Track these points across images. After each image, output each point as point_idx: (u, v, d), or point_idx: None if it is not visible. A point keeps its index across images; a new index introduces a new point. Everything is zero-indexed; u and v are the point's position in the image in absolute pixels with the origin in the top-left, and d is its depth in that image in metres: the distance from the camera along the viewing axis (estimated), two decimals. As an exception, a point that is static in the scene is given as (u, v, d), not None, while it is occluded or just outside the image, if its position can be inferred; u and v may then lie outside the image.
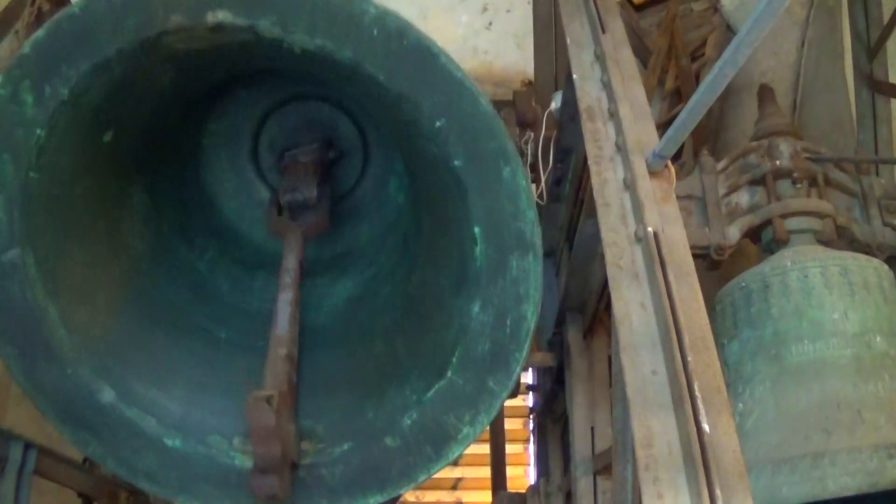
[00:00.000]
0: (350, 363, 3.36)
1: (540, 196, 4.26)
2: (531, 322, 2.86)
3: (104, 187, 3.13)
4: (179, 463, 3.17)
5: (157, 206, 3.39)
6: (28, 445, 4.20)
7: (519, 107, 4.29)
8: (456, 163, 2.75)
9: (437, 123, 2.71)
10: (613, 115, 2.93)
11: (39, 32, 2.66)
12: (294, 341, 2.99)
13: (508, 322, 2.87)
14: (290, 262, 3.16)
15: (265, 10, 2.66)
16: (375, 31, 2.64)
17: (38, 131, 2.74)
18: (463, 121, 2.69)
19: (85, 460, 4.89)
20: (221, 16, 2.65)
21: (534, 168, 4.32)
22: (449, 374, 2.99)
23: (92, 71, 2.71)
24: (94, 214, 3.13)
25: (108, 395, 3.13)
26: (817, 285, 3.93)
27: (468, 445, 3.06)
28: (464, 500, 13.19)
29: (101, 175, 3.08)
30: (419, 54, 2.66)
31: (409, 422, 3.06)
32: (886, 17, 5.35)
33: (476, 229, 2.81)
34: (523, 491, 4.75)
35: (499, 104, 4.34)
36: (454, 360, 2.98)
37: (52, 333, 3.01)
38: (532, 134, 4.14)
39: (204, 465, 3.13)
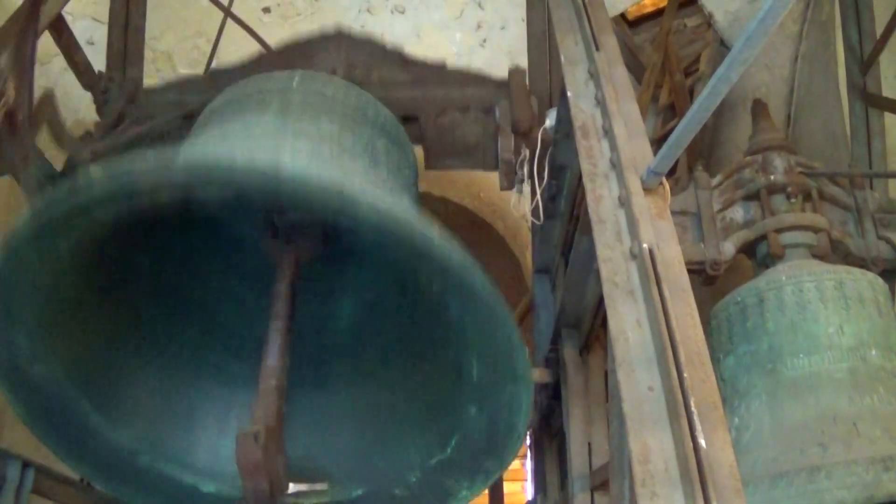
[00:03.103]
0: (356, 405, 3.46)
1: (535, 214, 4.27)
2: (522, 431, 2.99)
3: (110, 277, 3.15)
4: None
5: (161, 261, 3.39)
6: (26, 465, 4.20)
7: (515, 113, 4.32)
8: (454, 313, 2.93)
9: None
10: (608, 132, 2.94)
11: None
12: (284, 371, 2.94)
13: (501, 426, 3.01)
14: (283, 288, 3.08)
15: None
16: None
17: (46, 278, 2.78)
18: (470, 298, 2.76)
19: (82, 479, 4.88)
20: None
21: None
22: (448, 450, 3.17)
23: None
24: (106, 305, 3.17)
25: (144, 458, 3.25)
26: (812, 299, 3.94)
27: (468, 503, 3.28)
28: (462, 516, 13.15)
29: (107, 270, 3.10)
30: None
31: (414, 479, 3.26)
32: (879, 31, 5.36)
33: (473, 360, 2.96)
34: (521, 507, 4.75)
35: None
36: (453, 441, 3.16)
37: (87, 419, 3.12)
38: (527, 152, 4.15)
39: None
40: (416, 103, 4.40)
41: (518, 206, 4.17)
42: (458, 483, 3.19)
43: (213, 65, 5.07)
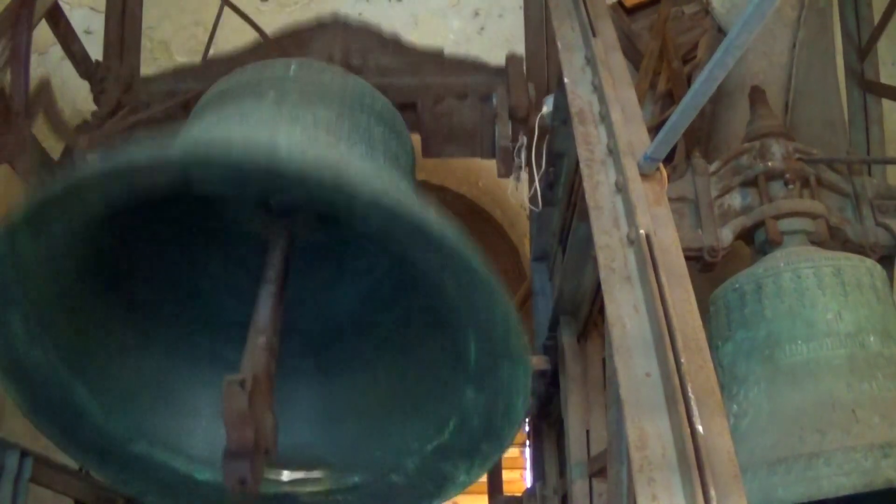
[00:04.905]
0: (354, 392, 3.42)
1: (533, 201, 4.27)
2: (520, 412, 2.94)
3: (105, 261, 3.13)
4: (213, 494, 3.23)
5: (157, 248, 3.38)
6: (24, 454, 4.20)
7: (513, 100, 4.32)
8: (451, 294, 2.79)
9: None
10: (605, 118, 2.94)
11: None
12: (275, 332, 2.88)
13: (499, 408, 2.95)
14: (274, 257, 3.03)
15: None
16: None
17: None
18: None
19: (81, 468, 4.88)
20: None
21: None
22: (447, 435, 3.11)
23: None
24: (101, 291, 3.14)
25: (139, 445, 3.22)
26: (811, 286, 3.94)
27: (466, 488, 3.23)
28: (461, 504, 13.17)
29: (104, 252, 3.08)
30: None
31: (412, 465, 3.20)
32: (877, 18, 5.36)
33: (471, 342, 2.88)
34: (519, 494, 4.75)
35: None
36: (451, 425, 3.09)
37: (83, 405, 3.10)
38: (525, 139, 4.15)
39: None
40: (413, 90, 4.40)
41: (516, 193, 4.17)
42: (456, 468, 3.16)
43: (210, 54, 5.06)
